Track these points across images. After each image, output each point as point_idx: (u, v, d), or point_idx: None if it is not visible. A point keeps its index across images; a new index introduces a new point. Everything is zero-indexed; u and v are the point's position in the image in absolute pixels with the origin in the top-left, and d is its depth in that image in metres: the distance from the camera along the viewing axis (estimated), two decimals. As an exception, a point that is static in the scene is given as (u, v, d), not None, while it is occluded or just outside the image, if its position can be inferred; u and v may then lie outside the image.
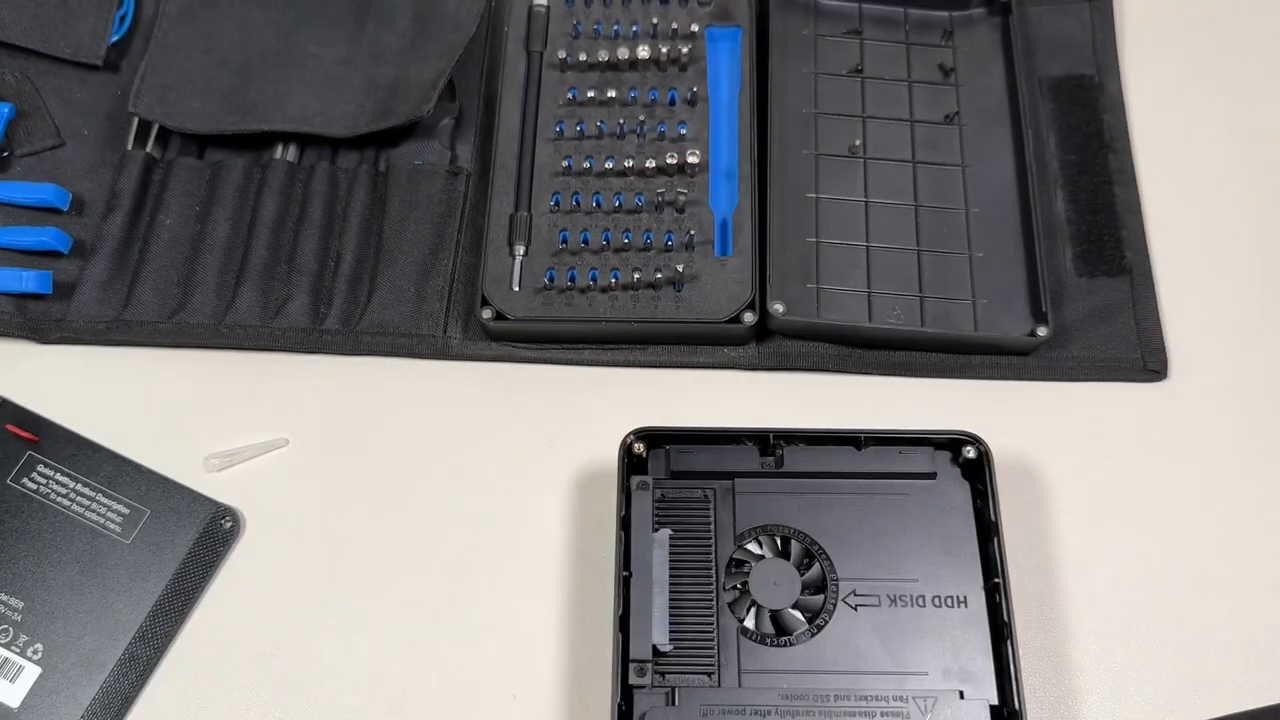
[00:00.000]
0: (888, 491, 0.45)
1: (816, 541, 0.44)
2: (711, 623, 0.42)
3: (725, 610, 0.43)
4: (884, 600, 0.43)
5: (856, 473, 0.45)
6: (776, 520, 0.45)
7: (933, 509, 0.45)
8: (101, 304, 0.51)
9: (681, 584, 0.43)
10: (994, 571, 0.43)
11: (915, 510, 0.45)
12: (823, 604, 0.43)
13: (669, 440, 0.46)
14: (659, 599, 0.42)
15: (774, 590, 0.43)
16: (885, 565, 0.44)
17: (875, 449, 0.46)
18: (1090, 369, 0.51)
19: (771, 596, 0.43)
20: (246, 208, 0.54)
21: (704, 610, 0.43)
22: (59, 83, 0.56)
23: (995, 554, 0.43)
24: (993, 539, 0.44)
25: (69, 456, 0.48)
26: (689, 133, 0.53)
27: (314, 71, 0.55)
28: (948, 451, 0.46)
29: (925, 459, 0.45)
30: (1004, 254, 0.52)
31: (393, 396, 0.51)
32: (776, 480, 0.45)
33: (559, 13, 0.56)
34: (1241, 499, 0.48)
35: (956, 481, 0.45)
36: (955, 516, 0.45)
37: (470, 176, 0.55)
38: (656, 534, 0.44)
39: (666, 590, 0.43)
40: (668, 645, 0.42)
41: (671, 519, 0.44)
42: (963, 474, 0.45)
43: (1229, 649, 0.45)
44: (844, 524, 0.44)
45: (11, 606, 0.45)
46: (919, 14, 0.57)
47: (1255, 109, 0.57)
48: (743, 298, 0.49)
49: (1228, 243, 0.54)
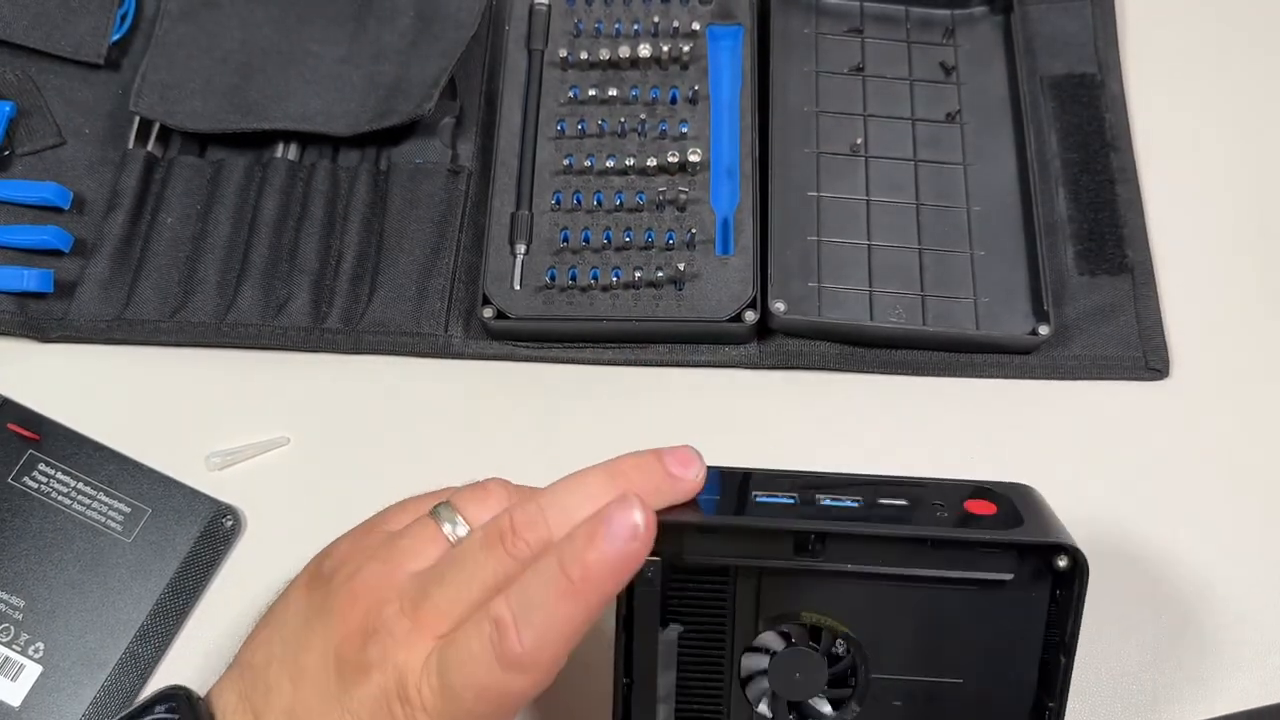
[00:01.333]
0: (950, 590, 0.36)
1: (852, 635, 0.37)
2: (722, 714, 0.38)
3: (739, 695, 0.37)
4: (919, 698, 0.37)
5: (915, 576, 0.36)
6: (806, 606, 0.37)
7: (999, 608, 0.36)
8: (103, 303, 0.51)
9: (689, 684, 0.37)
10: (1053, 692, 0.36)
11: (977, 608, 0.37)
12: (848, 698, 0.37)
13: (687, 530, 0.36)
14: (664, 708, 0.37)
15: (795, 682, 0.37)
16: (928, 663, 0.37)
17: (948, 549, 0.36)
18: (1092, 368, 0.51)
19: (792, 689, 0.37)
20: (248, 206, 0.54)
21: (713, 702, 0.37)
22: (60, 81, 0.56)
23: (1059, 674, 0.36)
24: (1060, 659, 0.36)
25: (70, 455, 0.48)
26: (690, 131, 0.53)
27: (315, 70, 0.55)
28: (1034, 559, 0.36)
29: (1003, 562, 0.36)
30: (1005, 252, 0.52)
31: (394, 395, 0.51)
32: (811, 578, 0.37)
33: (560, 11, 0.56)
34: (1243, 498, 0.48)
35: (1033, 589, 0.36)
36: (1024, 618, 0.37)
37: (471, 175, 0.55)
38: (664, 633, 0.36)
39: (673, 699, 0.37)
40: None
41: (682, 609, 0.37)
42: (1040, 575, 0.36)
43: (1231, 649, 0.45)
44: (888, 617, 0.37)
45: (13, 605, 0.45)
46: (920, 12, 0.57)
47: (1257, 108, 0.57)
48: (744, 296, 0.49)
49: (1230, 241, 0.54)
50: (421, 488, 0.49)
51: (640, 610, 0.36)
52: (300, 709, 0.35)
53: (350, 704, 0.34)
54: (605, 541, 0.30)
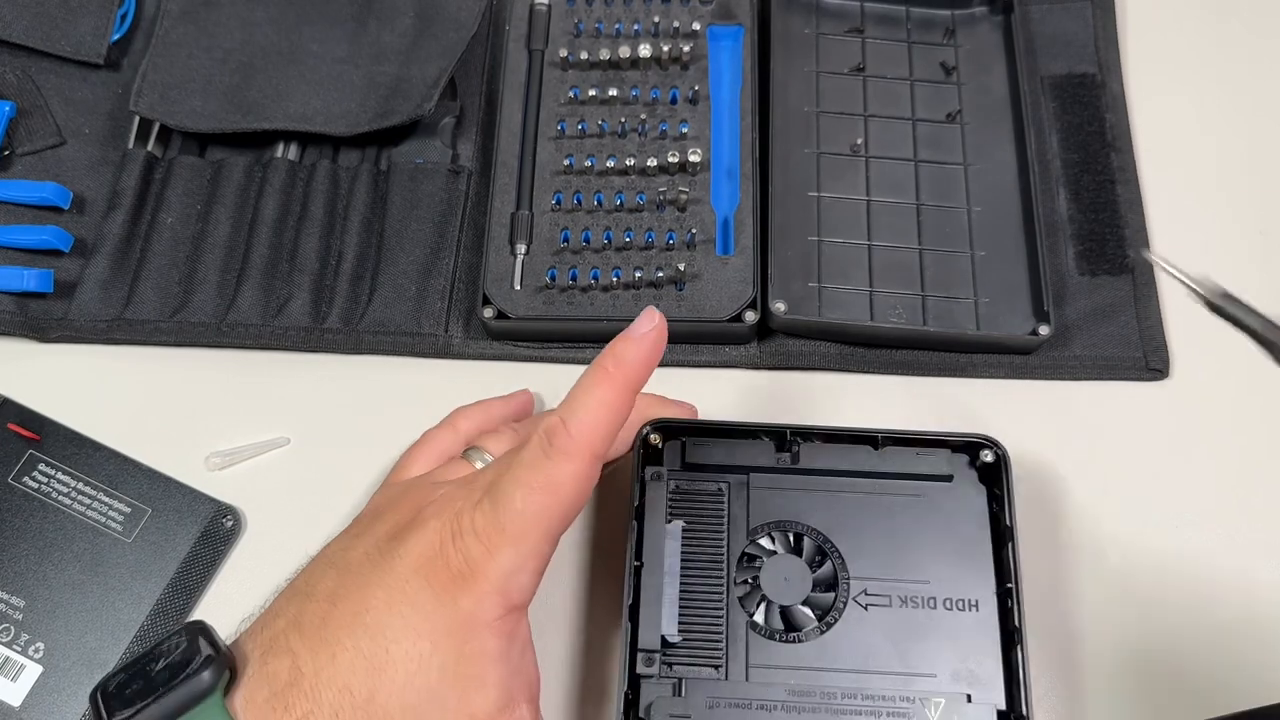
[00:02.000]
0: (903, 492, 0.45)
1: (829, 539, 0.44)
2: (721, 616, 0.42)
3: (735, 604, 0.43)
4: (895, 601, 0.43)
5: (872, 472, 0.45)
6: (790, 516, 0.44)
7: (948, 512, 0.44)
8: (103, 303, 0.51)
9: (692, 576, 0.43)
10: (1007, 577, 0.43)
11: (930, 512, 0.44)
12: (833, 602, 0.43)
13: (685, 433, 0.46)
14: (669, 590, 0.42)
15: (785, 586, 0.43)
16: (898, 566, 0.43)
17: (892, 449, 0.45)
18: (1092, 368, 0.51)
19: (782, 592, 0.43)
20: (248, 206, 0.54)
21: (714, 603, 0.43)
22: (60, 81, 0.56)
23: (1009, 560, 0.43)
24: (1007, 545, 0.43)
25: (70, 455, 0.48)
26: (690, 131, 0.53)
27: (315, 70, 0.55)
28: (965, 455, 0.45)
29: (942, 461, 0.45)
30: (1006, 253, 0.52)
31: (394, 395, 0.51)
32: (791, 476, 0.45)
33: (560, 11, 0.56)
34: (1244, 498, 0.48)
35: (973, 485, 0.45)
36: (970, 520, 0.44)
37: (471, 175, 0.55)
38: (669, 525, 0.44)
39: (677, 581, 0.43)
40: (676, 637, 0.42)
41: (685, 511, 0.44)
42: (979, 477, 0.45)
43: (1231, 648, 0.45)
44: (857, 523, 0.44)
45: (13, 605, 0.45)
46: (921, 12, 0.57)
47: (1258, 107, 0.57)
48: (744, 296, 0.49)
49: (1230, 241, 0.54)
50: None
51: (650, 503, 0.44)
52: (348, 580, 0.35)
53: (402, 553, 0.35)
54: (633, 333, 0.37)
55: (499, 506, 0.34)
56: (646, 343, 0.36)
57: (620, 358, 0.36)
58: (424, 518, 0.36)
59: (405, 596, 0.34)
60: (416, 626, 0.34)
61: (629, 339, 0.37)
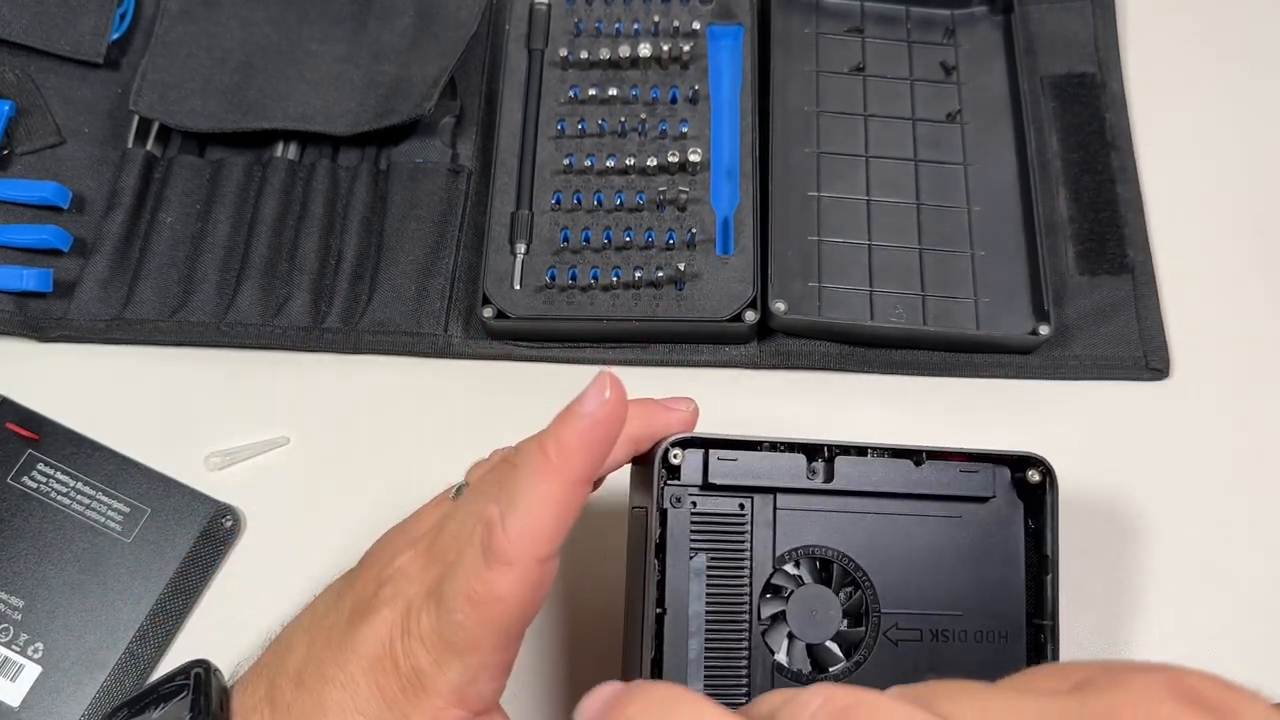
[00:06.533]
0: (939, 513, 0.41)
1: (860, 566, 0.40)
2: (745, 658, 0.39)
3: (758, 642, 0.39)
4: (925, 635, 0.40)
5: (908, 493, 0.40)
6: (819, 541, 0.40)
7: (985, 534, 0.41)
8: (102, 302, 0.51)
9: (716, 616, 0.39)
10: (1044, 611, 0.40)
11: (966, 534, 0.41)
12: (863, 637, 0.39)
13: (710, 446, 0.39)
14: (694, 642, 0.38)
15: (812, 621, 0.39)
16: (930, 595, 0.40)
17: (931, 465, 0.40)
18: (1092, 368, 0.51)
19: (809, 629, 0.39)
20: (247, 206, 0.54)
21: (737, 644, 0.39)
22: (59, 80, 0.56)
23: (1049, 592, 0.39)
24: (1047, 575, 0.40)
25: (69, 455, 0.48)
26: (690, 131, 0.53)
27: (315, 69, 0.55)
28: (1005, 471, 0.41)
29: (984, 480, 0.40)
30: (1006, 252, 0.52)
31: (394, 395, 0.51)
32: (821, 497, 0.40)
33: (560, 11, 0.56)
34: (1244, 498, 0.48)
35: (1011, 504, 0.41)
36: (1006, 543, 0.41)
37: (471, 175, 0.55)
38: (693, 561, 0.38)
39: (703, 631, 0.38)
40: (699, 688, 0.38)
41: (706, 540, 0.39)
42: (1017, 494, 0.41)
43: (1231, 649, 0.45)
44: (889, 547, 0.40)
45: (12, 605, 0.45)
46: (921, 12, 0.57)
47: (1258, 107, 0.57)
48: (744, 296, 0.49)
49: (1231, 241, 0.54)
50: (421, 487, 0.49)
51: (673, 537, 0.38)
52: (310, 663, 0.34)
53: (355, 645, 0.33)
54: (580, 408, 0.31)
55: (442, 618, 0.31)
56: (593, 424, 0.30)
57: (562, 443, 0.30)
58: (377, 603, 0.33)
59: (356, 705, 0.32)
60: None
61: (572, 416, 0.31)
